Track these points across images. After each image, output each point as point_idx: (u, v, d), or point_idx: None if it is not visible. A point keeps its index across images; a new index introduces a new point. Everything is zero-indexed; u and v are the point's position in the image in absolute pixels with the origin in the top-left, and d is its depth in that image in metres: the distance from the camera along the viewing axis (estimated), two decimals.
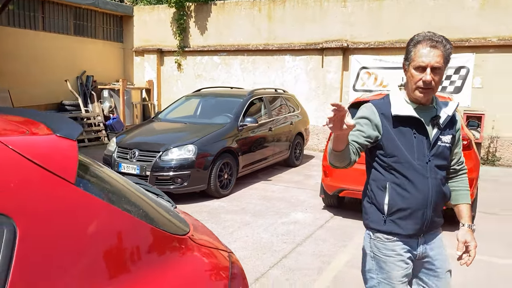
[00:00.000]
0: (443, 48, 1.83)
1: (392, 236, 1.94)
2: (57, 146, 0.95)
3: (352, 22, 10.04)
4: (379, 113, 1.92)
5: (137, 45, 12.72)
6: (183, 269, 1.05)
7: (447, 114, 1.93)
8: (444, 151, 1.95)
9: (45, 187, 0.84)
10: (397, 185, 1.91)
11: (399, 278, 1.94)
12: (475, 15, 8.92)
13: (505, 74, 8.76)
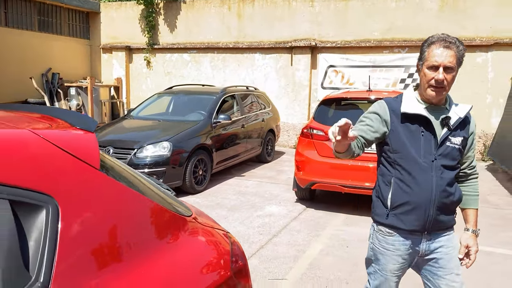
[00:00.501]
0: (456, 49, 1.89)
1: (394, 230, 2.01)
2: (81, 137, 1.07)
3: (320, 22, 10.34)
4: (390, 110, 2.00)
5: (104, 42, 12.52)
6: (193, 244, 1.19)
7: (458, 116, 1.97)
8: (452, 152, 1.98)
9: (77, 173, 0.96)
10: (400, 181, 1.97)
11: (393, 271, 2.04)
12: (435, 16, 9.41)
13: (463, 72, 9.28)
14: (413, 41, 9.57)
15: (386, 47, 9.84)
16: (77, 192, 0.93)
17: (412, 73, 9.70)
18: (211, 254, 1.22)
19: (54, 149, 0.95)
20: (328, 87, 10.32)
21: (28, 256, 0.81)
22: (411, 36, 9.60)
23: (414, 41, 9.55)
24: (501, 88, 9.06)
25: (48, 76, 11.26)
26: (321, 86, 10.48)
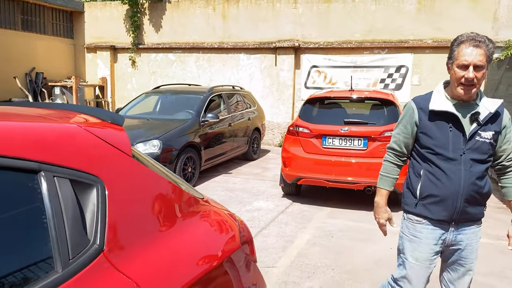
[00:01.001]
0: (486, 48, 1.92)
1: (422, 218, 2.10)
2: (115, 131, 1.26)
3: (303, 23, 10.60)
4: (418, 108, 2.11)
5: (89, 42, 12.52)
6: (207, 221, 1.39)
7: (488, 111, 2.01)
8: (482, 146, 2.02)
9: (115, 159, 1.15)
10: (430, 173, 2.06)
11: (420, 260, 2.11)
12: (413, 18, 9.79)
13: (439, 72, 9.71)
14: (392, 42, 9.92)
15: (366, 48, 10.18)
16: (117, 174, 1.12)
17: (392, 73, 10.07)
18: (223, 229, 1.43)
19: (97, 140, 1.14)
20: (311, 87, 10.60)
21: (86, 224, 1.00)
22: (390, 38, 9.96)
23: (393, 42, 9.91)
24: None
25: (32, 75, 11.22)
26: (305, 85, 10.75)
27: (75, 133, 1.11)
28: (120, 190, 1.10)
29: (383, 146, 5.09)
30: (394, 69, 10.03)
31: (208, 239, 1.34)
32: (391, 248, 4.11)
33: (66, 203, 0.96)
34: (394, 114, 5.28)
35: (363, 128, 5.19)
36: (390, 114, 5.30)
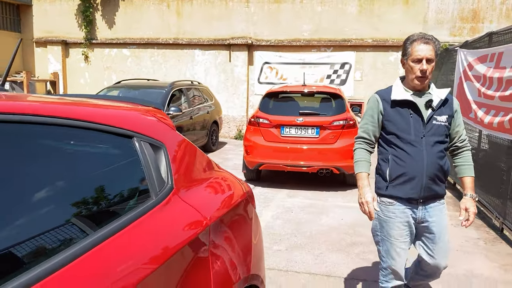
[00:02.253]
0: (434, 44, 2.23)
1: (393, 199, 2.30)
2: (161, 113, 1.76)
3: (255, 21, 11.22)
4: (381, 100, 2.36)
5: (38, 36, 12.28)
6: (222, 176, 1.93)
7: (440, 98, 2.29)
8: (439, 128, 2.28)
9: (168, 131, 1.66)
10: (396, 157, 2.28)
11: (397, 236, 2.32)
12: (354, 20, 10.75)
13: (378, 69, 10.78)
14: (336, 41, 10.82)
15: (314, 46, 11.00)
16: (171, 141, 1.63)
17: (337, 69, 10.97)
18: (235, 183, 1.98)
19: (158, 120, 1.65)
20: (264, 82, 11.27)
21: (161, 172, 1.51)
22: (335, 37, 10.85)
23: (337, 41, 10.81)
24: None
25: None
26: (258, 81, 11.39)
27: (151, 115, 1.62)
28: (175, 151, 1.62)
29: (333, 134, 5.85)
30: (339, 65, 10.95)
31: (229, 187, 1.89)
32: (342, 219, 4.85)
33: (150, 157, 1.47)
34: (341, 105, 6.05)
35: (315, 119, 5.91)
36: (338, 106, 6.07)
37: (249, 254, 1.84)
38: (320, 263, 3.63)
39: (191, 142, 1.75)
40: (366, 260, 3.70)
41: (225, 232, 1.67)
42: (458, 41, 9.53)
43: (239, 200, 1.88)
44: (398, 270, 2.38)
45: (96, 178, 1.31)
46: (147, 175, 1.43)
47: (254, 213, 2.07)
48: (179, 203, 1.50)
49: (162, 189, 1.47)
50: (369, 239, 4.20)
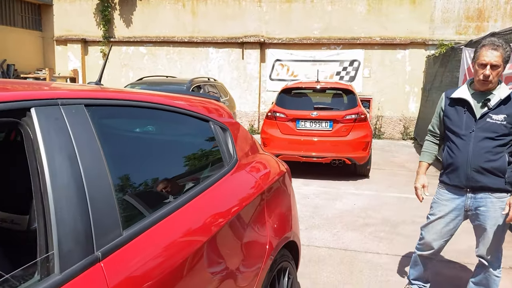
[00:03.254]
0: (503, 51, 2.34)
1: (444, 184, 2.64)
2: (221, 105, 2.23)
3: (267, 20, 11.66)
4: (445, 97, 2.65)
5: (58, 34, 12.80)
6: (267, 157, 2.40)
7: (499, 98, 2.42)
8: (493, 126, 2.43)
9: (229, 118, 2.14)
10: (449, 148, 2.59)
11: (437, 215, 2.64)
12: (363, 19, 11.15)
13: (386, 66, 11.19)
14: (346, 39, 11.24)
15: (324, 44, 11.42)
16: (232, 126, 2.10)
17: (346, 66, 11.39)
18: (278, 162, 2.45)
19: (222, 108, 2.13)
20: (275, 79, 11.72)
21: (230, 149, 1.98)
22: (344, 35, 11.27)
23: (347, 39, 11.22)
24: (417, 79, 11.06)
25: (3, 67, 11.40)
26: (270, 77, 11.84)
27: (216, 105, 2.10)
28: (235, 133, 2.09)
29: (345, 127, 6.29)
30: (348, 63, 11.37)
31: (273, 164, 2.36)
32: (354, 204, 5.31)
33: (222, 137, 1.93)
34: (353, 101, 6.50)
35: (329, 113, 6.36)
36: (350, 101, 6.51)
37: (290, 215, 2.31)
38: (337, 240, 4.10)
39: None
40: (378, 238, 4.16)
41: (273, 196, 2.15)
42: (464, 39, 9.91)
43: (281, 174, 2.35)
44: (428, 243, 2.73)
45: (190, 148, 1.79)
46: (221, 150, 1.91)
47: (291, 186, 2.53)
48: (243, 172, 1.98)
49: (230, 160, 1.94)
50: (379, 221, 4.67)
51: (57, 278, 0.99)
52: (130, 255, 1.18)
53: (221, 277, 1.56)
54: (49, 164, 1.07)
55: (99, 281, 1.06)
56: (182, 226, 1.43)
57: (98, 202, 1.14)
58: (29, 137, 1.08)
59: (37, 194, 1.04)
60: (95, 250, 1.09)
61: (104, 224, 1.14)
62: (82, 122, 1.22)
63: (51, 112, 1.15)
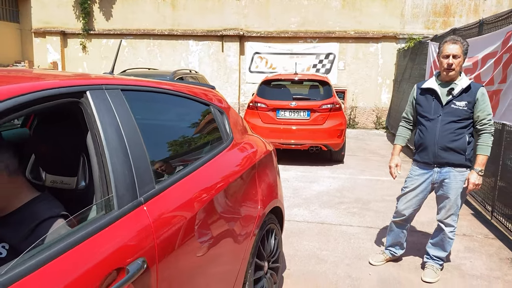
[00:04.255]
0: (461, 45, 2.85)
1: (416, 162, 3.11)
2: (216, 92, 2.61)
3: (246, 14, 11.99)
4: (417, 88, 3.12)
5: (36, 27, 12.76)
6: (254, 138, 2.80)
7: (461, 87, 2.87)
8: (456, 111, 2.87)
9: (224, 103, 2.52)
10: (420, 131, 3.04)
11: (411, 188, 3.11)
12: (338, 13, 11.64)
13: (360, 59, 11.73)
14: (322, 33, 11.70)
15: (301, 38, 11.86)
16: (227, 109, 2.50)
17: (322, 59, 11.87)
18: (264, 142, 2.85)
19: (218, 95, 2.52)
20: (254, 71, 12.10)
21: (227, 129, 2.37)
22: (320, 29, 11.73)
23: (323, 33, 11.69)
24: (389, 71, 11.66)
25: None
26: (249, 70, 12.21)
27: (213, 92, 2.49)
28: (230, 116, 2.48)
29: (322, 116, 6.76)
30: (324, 56, 11.86)
31: (261, 144, 2.76)
32: (330, 186, 5.79)
33: (220, 118, 2.31)
34: (329, 91, 6.96)
35: (306, 103, 6.80)
36: (326, 92, 6.97)
37: (276, 185, 2.73)
38: (315, 216, 4.56)
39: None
40: (351, 213, 4.64)
41: (262, 169, 2.55)
42: (432, 33, 10.53)
43: (268, 152, 2.76)
44: (400, 211, 3.21)
45: (196, 126, 2.18)
46: (220, 129, 2.30)
47: (276, 163, 2.94)
48: (238, 148, 2.38)
49: (227, 138, 2.33)
50: (352, 200, 5.15)
51: (116, 213, 1.36)
52: (162, 202, 1.56)
53: (227, 224, 1.97)
54: (104, 132, 1.44)
55: (144, 216, 1.44)
56: (196, 184, 1.82)
57: (137, 161, 1.51)
58: (87, 113, 1.45)
59: (98, 154, 1.41)
60: (138, 196, 1.47)
61: (142, 178, 1.52)
62: (120, 103, 1.59)
63: (99, 94, 1.52)
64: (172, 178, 1.71)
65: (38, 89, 1.28)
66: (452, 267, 3.38)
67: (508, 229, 4.03)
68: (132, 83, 1.79)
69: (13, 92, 1.20)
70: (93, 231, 1.25)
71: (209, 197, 1.85)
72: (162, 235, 1.48)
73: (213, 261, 1.85)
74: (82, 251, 1.18)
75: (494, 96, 4.53)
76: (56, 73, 1.75)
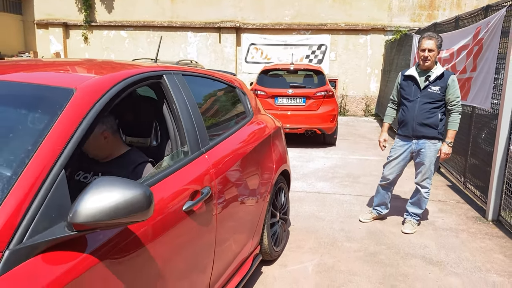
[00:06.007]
0: (436, 40, 3.51)
1: (399, 135, 3.79)
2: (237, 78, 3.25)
3: (242, 7, 12.55)
4: (401, 75, 3.78)
5: (39, 18, 13.17)
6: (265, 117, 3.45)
7: (436, 75, 3.53)
8: (431, 94, 3.54)
9: (245, 86, 3.17)
10: (402, 110, 3.73)
11: (394, 156, 3.79)
12: (330, 6, 12.27)
13: (350, 50, 12.41)
14: (314, 25, 12.34)
15: (294, 30, 12.48)
16: (248, 91, 3.15)
17: (314, 50, 12.52)
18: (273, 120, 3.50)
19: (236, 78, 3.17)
20: (250, 61, 12.71)
21: (248, 106, 3.02)
22: (313, 21, 12.36)
23: (315, 25, 12.33)
24: (377, 62, 12.36)
25: None
26: (245, 60, 12.81)
27: (236, 79, 3.13)
28: (249, 98, 3.14)
29: (316, 102, 7.43)
30: (316, 47, 12.50)
31: (272, 120, 3.42)
32: (324, 164, 6.49)
33: (243, 98, 2.96)
34: (322, 80, 7.63)
35: (302, 90, 7.47)
36: (320, 80, 7.65)
37: (285, 153, 3.40)
38: (312, 187, 5.26)
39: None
40: (343, 185, 5.34)
41: (275, 139, 3.22)
42: (418, 26, 11.23)
43: (278, 127, 3.43)
44: (386, 176, 3.91)
45: (228, 103, 2.84)
46: (244, 107, 2.97)
47: (284, 136, 3.60)
48: (257, 122, 3.04)
49: (249, 114, 3.00)
50: (344, 175, 5.86)
51: (190, 157, 2.02)
52: (215, 153, 2.23)
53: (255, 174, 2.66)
54: (178, 103, 2.09)
55: (206, 161, 2.10)
56: (234, 144, 2.50)
57: (198, 125, 2.17)
58: (167, 90, 2.09)
59: (175, 119, 2.06)
60: (201, 147, 2.13)
61: (202, 136, 2.17)
62: (183, 83, 2.24)
63: (171, 77, 2.16)
64: (218, 138, 2.38)
65: (138, 72, 1.93)
66: (427, 223, 4.11)
67: (476, 195, 4.77)
68: (187, 70, 2.44)
69: (124, 75, 1.84)
70: (181, 165, 1.92)
71: (243, 152, 2.52)
72: (217, 174, 2.15)
73: (247, 199, 2.53)
74: (179, 175, 1.85)
75: (466, 83, 5.25)
76: (132, 62, 2.39)
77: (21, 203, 1.17)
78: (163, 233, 1.64)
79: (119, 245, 1.42)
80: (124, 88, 1.76)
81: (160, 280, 1.64)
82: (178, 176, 1.86)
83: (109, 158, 2.09)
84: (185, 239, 1.82)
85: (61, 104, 1.47)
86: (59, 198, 1.26)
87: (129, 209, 1.23)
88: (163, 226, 1.65)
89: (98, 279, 1.30)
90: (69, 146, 1.35)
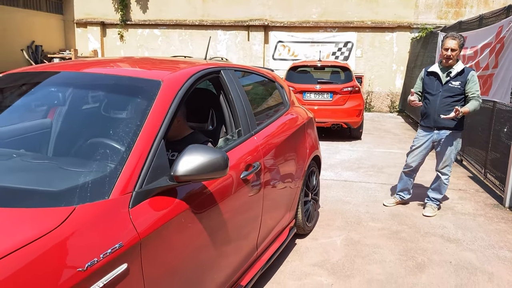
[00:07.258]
0: (458, 40, 3.82)
1: (421, 126, 4.12)
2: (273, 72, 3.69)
3: (270, 5, 12.96)
4: (425, 71, 4.09)
5: (78, 18, 13.96)
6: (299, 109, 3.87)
7: (457, 71, 3.85)
8: (452, 88, 3.85)
9: (281, 80, 3.61)
10: (425, 103, 4.03)
11: (417, 146, 4.11)
12: (356, 4, 12.52)
13: (376, 47, 12.63)
14: (341, 23, 12.62)
15: (321, 27, 12.80)
16: (284, 85, 3.58)
17: (341, 47, 12.81)
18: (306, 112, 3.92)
19: (276, 75, 3.61)
20: (278, 58, 13.11)
21: (286, 97, 3.46)
22: (339, 19, 12.65)
23: (342, 23, 12.61)
24: (402, 59, 12.55)
25: (32, 48, 12.62)
26: (272, 57, 13.23)
27: (274, 74, 3.57)
28: (286, 91, 3.56)
29: (343, 97, 7.78)
30: (343, 44, 12.79)
31: (305, 112, 3.83)
32: (350, 156, 6.86)
33: (281, 91, 3.38)
34: (349, 76, 7.98)
35: (329, 86, 7.84)
36: (347, 76, 8.00)
37: (316, 140, 3.82)
38: (339, 176, 5.65)
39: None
40: (368, 175, 5.71)
41: (308, 128, 3.64)
42: (444, 23, 11.37)
43: (310, 117, 3.84)
44: (409, 163, 4.25)
45: (269, 94, 3.29)
46: (282, 98, 3.40)
47: (315, 125, 4.02)
48: (293, 112, 3.48)
49: (286, 105, 3.43)
50: (369, 165, 6.22)
51: (243, 137, 2.48)
52: (262, 135, 2.68)
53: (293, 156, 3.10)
54: (233, 94, 2.54)
55: (254, 141, 2.55)
56: (276, 129, 2.95)
57: (248, 112, 2.62)
58: (224, 83, 2.55)
59: (231, 107, 2.52)
60: (250, 130, 2.58)
61: (251, 121, 2.62)
62: (235, 77, 2.69)
63: (226, 72, 2.62)
64: (263, 124, 2.83)
65: (204, 68, 2.40)
66: (447, 208, 4.45)
67: (495, 185, 5.06)
68: (238, 66, 2.90)
69: (194, 70, 2.30)
70: (238, 143, 2.38)
71: (283, 137, 2.96)
72: (264, 153, 2.60)
73: (286, 177, 2.97)
74: (237, 150, 2.32)
75: (488, 79, 5.52)
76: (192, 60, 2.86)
77: (139, 161, 1.64)
78: (229, 192, 2.10)
79: (198, 198, 1.88)
80: (196, 81, 2.22)
81: (223, 230, 2.10)
82: (237, 151, 2.32)
83: (178, 138, 2.57)
84: (242, 200, 2.28)
85: (154, 92, 1.94)
86: (161, 159, 1.73)
87: (212, 167, 1.69)
88: (229, 186, 2.11)
89: (186, 219, 1.77)
90: (164, 123, 1.82)
